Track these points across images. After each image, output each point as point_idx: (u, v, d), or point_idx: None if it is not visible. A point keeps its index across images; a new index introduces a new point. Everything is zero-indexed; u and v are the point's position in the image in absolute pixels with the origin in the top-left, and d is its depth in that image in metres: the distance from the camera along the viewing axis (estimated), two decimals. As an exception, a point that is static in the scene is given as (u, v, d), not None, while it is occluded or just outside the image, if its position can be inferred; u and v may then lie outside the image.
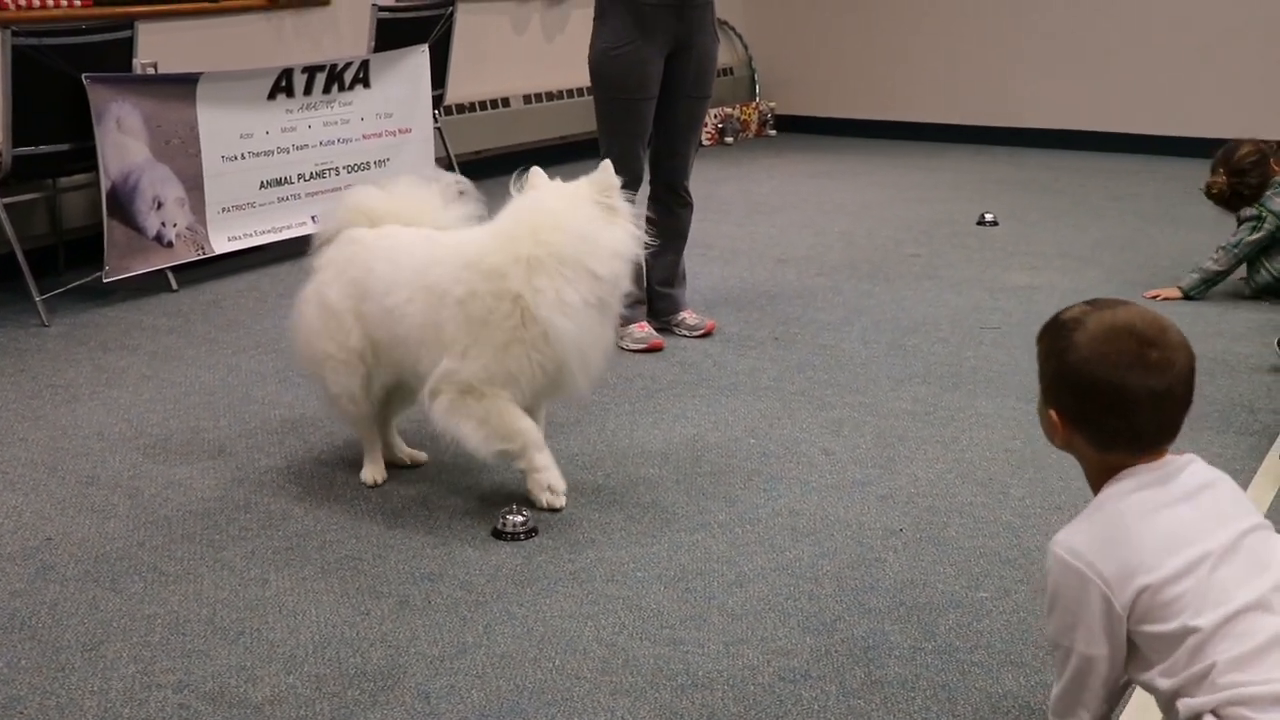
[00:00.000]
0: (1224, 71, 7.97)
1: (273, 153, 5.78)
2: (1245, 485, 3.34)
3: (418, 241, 3.29)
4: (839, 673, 2.53)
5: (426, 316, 3.13)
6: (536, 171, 3.24)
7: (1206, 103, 8.06)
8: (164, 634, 2.71)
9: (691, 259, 5.15)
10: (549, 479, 3.22)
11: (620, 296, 3.22)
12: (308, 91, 5.85)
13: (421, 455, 3.60)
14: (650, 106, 4.41)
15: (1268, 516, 3.13)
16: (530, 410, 3.23)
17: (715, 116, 9.13)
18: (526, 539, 3.09)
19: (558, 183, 3.22)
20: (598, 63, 4.37)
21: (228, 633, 2.71)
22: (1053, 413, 1.96)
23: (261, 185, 5.76)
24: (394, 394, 3.44)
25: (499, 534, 3.10)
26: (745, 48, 9.72)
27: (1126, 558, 1.83)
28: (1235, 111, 7.97)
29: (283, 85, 5.74)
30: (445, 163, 6.82)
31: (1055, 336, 1.97)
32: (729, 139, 9.21)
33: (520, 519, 3.11)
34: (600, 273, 3.07)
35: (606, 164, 3.20)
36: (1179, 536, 1.84)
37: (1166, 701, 1.85)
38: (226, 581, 2.94)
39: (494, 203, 3.27)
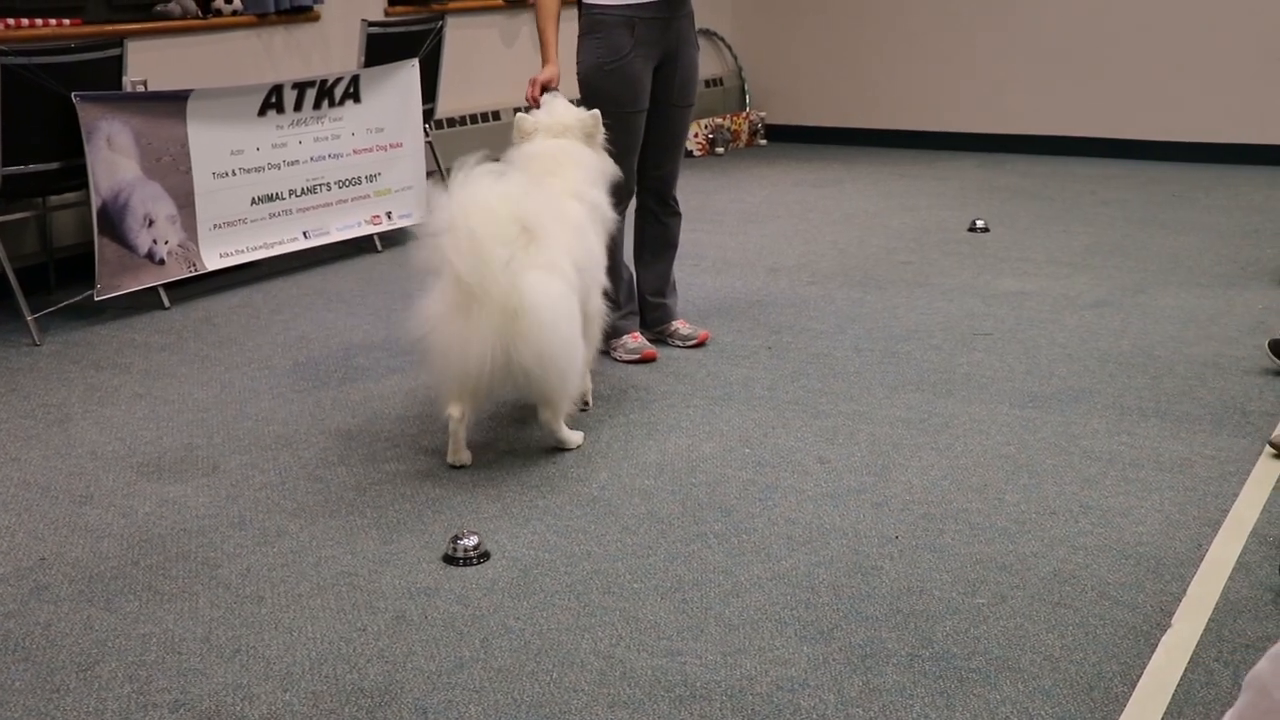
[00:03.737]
0: (1209, 77, 8.00)
1: (264, 169, 5.78)
2: (1238, 488, 3.35)
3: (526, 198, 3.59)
4: (837, 681, 2.52)
5: (597, 239, 3.88)
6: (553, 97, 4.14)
7: (1192, 108, 8.09)
8: (159, 653, 2.71)
9: (683, 269, 5.15)
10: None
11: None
12: (298, 107, 5.85)
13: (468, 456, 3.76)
14: (643, 119, 4.41)
15: (1261, 519, 3.16)
16: None
17: (706, 127, 9.14)
18: (479, 563, 3.06)
19: (557, 109, 4.06)
20: (591, 77, 4.37)
21: (223, 651, 2.71)
22: None
23: (253, 201, 5.76)
24: None
25: (450, 559, 3.07)
26: (735, 58, 9.74)
27: None
28: (1220, 116, 8.00)
29: (273, 101, 5.75)
30: (437, 176, 6.83)
31: None
32: (720, 149, 9.22)
33: (471, 543, 3.08)
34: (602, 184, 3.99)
35: (596, 114, 4.03)
36: None
37: None
38: (222, 599, 2.93)
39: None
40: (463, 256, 3.36)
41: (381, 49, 6.43)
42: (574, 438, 3.75)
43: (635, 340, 4.56)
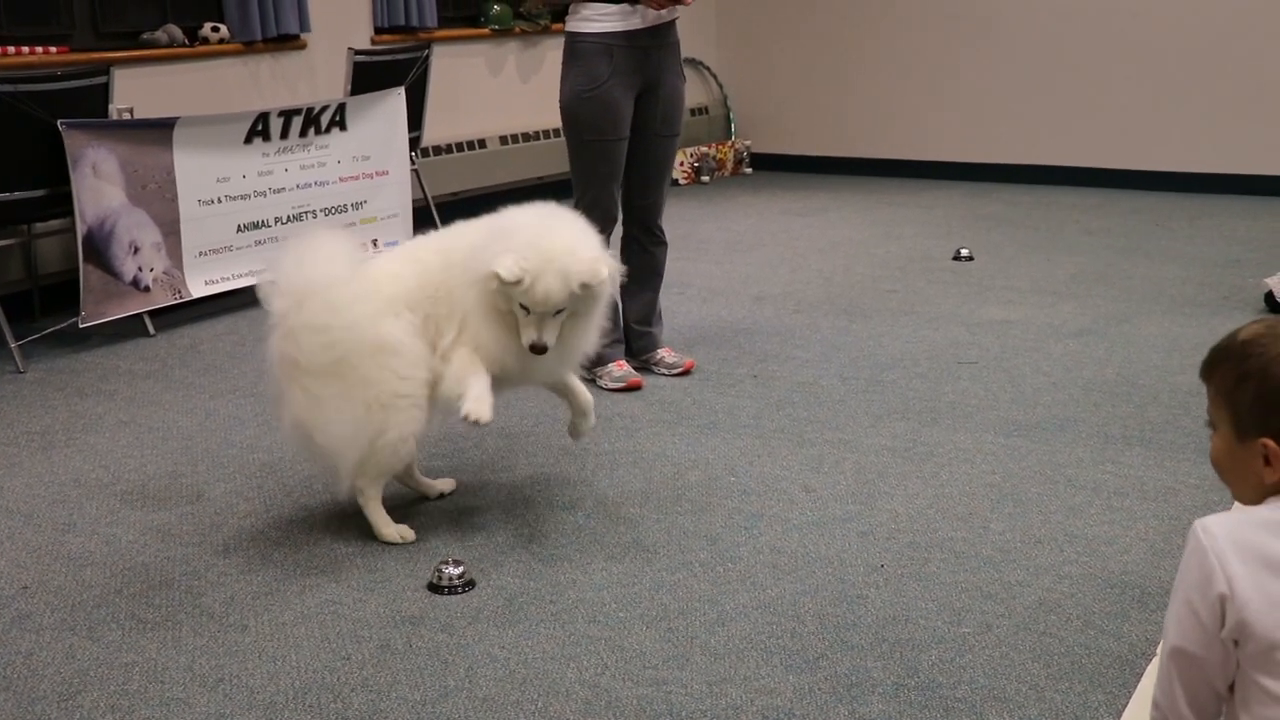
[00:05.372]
0: (1193, 108, 8.05)
1: (250, 196, 5.78)
2: (1223, 516, 3.35)
3: (429, 238, 3.47)
4: (823, 711, 2.52)
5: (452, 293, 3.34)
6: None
7: (1175, 138, 8.15)
8: (142, 682, 2.69)
9: (669, 297, 5.16)
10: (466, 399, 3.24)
11: None
12: (284, 135, 5.86)
13: (448, 483, 3.69)
14: (623, 147, 4.43)
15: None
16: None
17: (691, 155, 9.17)
18: (464, 592, 3.05)
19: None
20: (570, 105, 4.39)
21: (207, 680, 2.69)
22: (1269, 443, 1.66)
23: (239, 229, 5.75)
24: None
25: (435, 588, 3.06)
26: (720, 87, 9.78)
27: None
28: (1203, 146, 8.06)
29: (259, 129, 5.75)
30: (423, 204, 6.84)
31: (1240, 359, 1.70)
32: (705, 178, 9.25)
33: (456, 571, 3.07)
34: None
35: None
36: None
37: None
38: (205, 628, 2.91)
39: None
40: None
41: (368, 77, 6.45)
42: (385, 530, 3.34)
43: (620, 368, 4.56)
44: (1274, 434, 1.67)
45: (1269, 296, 5.31)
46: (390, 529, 3.35)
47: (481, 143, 7.94)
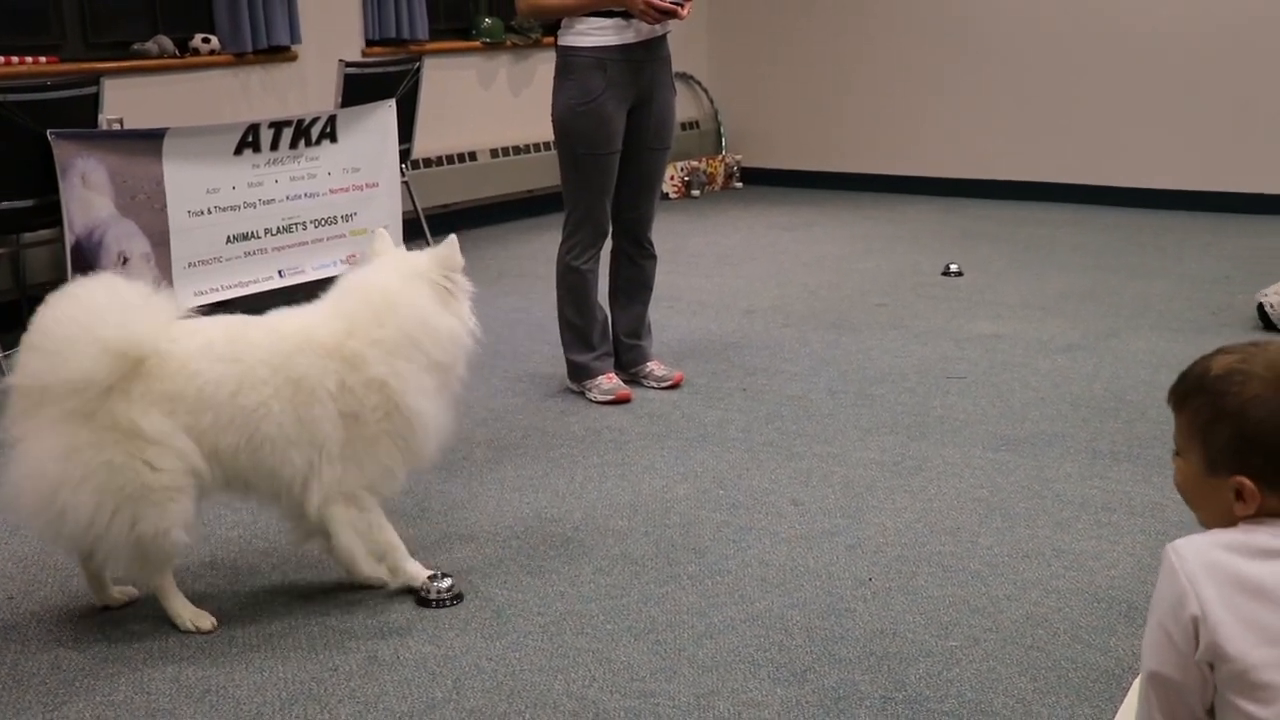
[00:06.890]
0: (1182, 125, 8.09)
1: (239, 208, 5.77)
2: (1210, 531, 3.36)
3: (249, 330, 3.02)
4: (810, 724, 2.52)
5: (296, 413, 2.87)
6: (383, 235, 3.16)
7: (1165, 155, 8.18)
8: (128, 693, 2.68)
9: (658, 310, 5.17)
10: (421, 579, 3.05)
11: (458, 381, 3.08)
12: (274, 146, 5.85)
13: (128, 594, 3.11)
14: (616, 161, 4.44)
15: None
16: None
17: (682, 169, 9.19)
18: (452, 604, 3.04)
19: (401, 253, 3.10)
20: (563, 119, 4.40)
21: (193, 691, 2.68)
22: (1244, 481, 1.64)
23: (228, 240, 5.74)
24: None
25: (423, 600, 3.05)
26: (711, 101, 9.80)
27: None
28: (1193, 164, 8.09)
29: (249, 140, 5.75)
30: (413, 217, 6.84)
31: (1216, 396, 1.66)
32: (696, 192, 9.26)
33: (445, 584, 3.06)
34: (441, 359, 2.98)
35: (452, 240, 3.07)
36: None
37: None
38: (192, 638, 2.91)
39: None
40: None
41: (359, 89, 6.45)
42: (181, 616, 2.94)
43: (610, 381, 4.56)
44: (1251, 472, 1.64)
45: (1260, 309, 5.32)
46: (186, 614, 2.94)
47: (472, 155, 7.95)
